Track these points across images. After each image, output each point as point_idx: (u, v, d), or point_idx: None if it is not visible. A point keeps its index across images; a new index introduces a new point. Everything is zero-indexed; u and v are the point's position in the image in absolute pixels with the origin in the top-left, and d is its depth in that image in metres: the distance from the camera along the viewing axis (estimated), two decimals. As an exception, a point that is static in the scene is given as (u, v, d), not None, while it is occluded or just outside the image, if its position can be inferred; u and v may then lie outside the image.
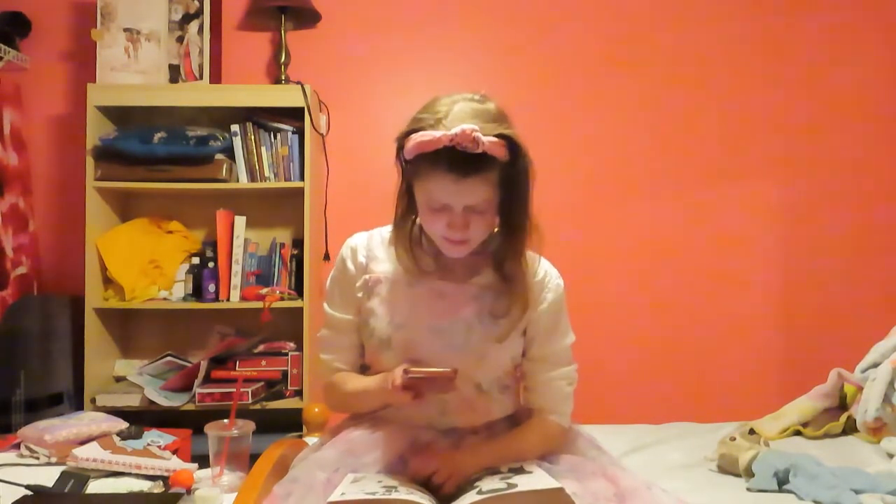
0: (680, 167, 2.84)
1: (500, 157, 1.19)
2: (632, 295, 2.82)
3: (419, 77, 2.83)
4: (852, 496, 1.43)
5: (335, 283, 1.41)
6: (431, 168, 1.20)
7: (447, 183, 1.20)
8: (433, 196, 1.23)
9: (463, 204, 1.22)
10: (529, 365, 1.37)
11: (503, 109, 1.26)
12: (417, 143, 1.19)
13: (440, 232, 1.27)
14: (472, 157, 1.17)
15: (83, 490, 1.50)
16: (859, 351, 2.12)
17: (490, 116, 1.22)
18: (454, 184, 1.20)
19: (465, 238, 1.26)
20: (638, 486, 1.24)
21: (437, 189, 1.22)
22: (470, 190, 1.21)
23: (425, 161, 1.20)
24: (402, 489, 1.14)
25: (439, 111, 1.22)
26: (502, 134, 1.19)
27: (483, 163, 1.19)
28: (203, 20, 2.61)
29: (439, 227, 1.26)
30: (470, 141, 1.16)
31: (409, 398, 1.23)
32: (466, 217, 1.24)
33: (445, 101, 1.24)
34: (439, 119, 1.20)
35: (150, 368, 2.54)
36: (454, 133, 1.16)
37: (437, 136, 1.17)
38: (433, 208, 1.24)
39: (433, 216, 1.25)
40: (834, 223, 2.84)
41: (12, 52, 2.64)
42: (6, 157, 2.59)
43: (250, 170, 2.57)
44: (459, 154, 1.17)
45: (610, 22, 2.85)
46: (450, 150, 1.17)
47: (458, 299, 1.32)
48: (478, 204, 1.23)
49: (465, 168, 1.18)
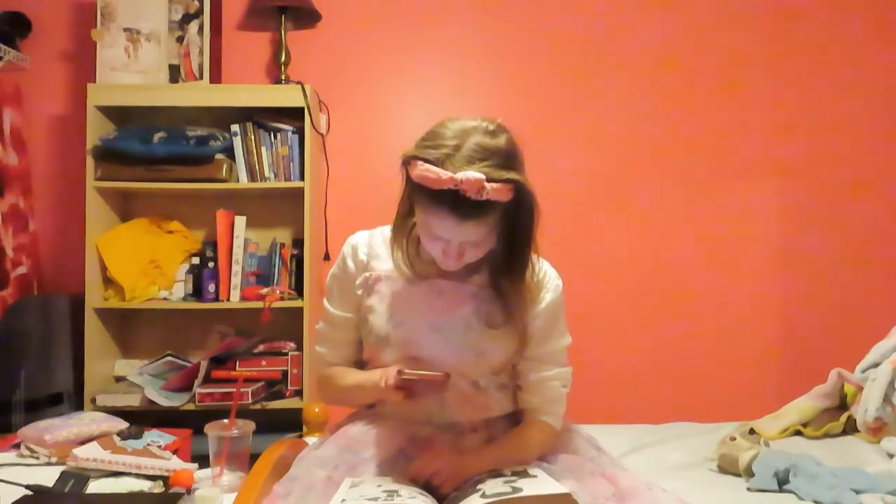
0: (680, 167, 2.84)
1: (504, 199, 1.17)
2: (632, 295, 2.82)
3: (419, 77, 2.83)
4: (852, 496, 1.43)
5: (335, 280, 1.42)
6: (432, 203, 1.18)
7: (447, 222, 1.19)
8: (430, 228, 1.22)
9: (460, 240, 1.22)
10: (524, 364, 1.37)
11: (515, 143, 1.22)
12: (421, 176, 1.16)
13: (435, 254, 1.27)
14: (474, 202, 1.15)
15: (83, 490, 1.50)
16: (859, 351, 2.12)
17: (500, 156, 1.18)
18: (454, 225, 1.19)
19: (459, 264, 1.27)
20: (638, 485, 1.24)
21: (435, 224, 1.21)
22: (468, 231, 1.20)
23: (426, 194, 1.18)
24: (403, 492, 1.13)
25: (447, 144, 1.18)
26: (510, 179, 1.17)
27: (484, 208, 1.17)
28: (203, 20, 2.61)
29: (434, 251, 1.26)
30: (475, 191, 1.14)
31: (401, 397, 1.25)
32: (462, 248, 1.24)
33: (455, 132, 1.19)
34: (447, 155, 1.17)
35: (150, 368, 2.54)
36: (460, 179, 1.13)
37: (442, 177, 1.14)
38: (430, 234, 1.24)
39: (430, 240, 1.25)
40: (834, 223, 2.84)
41: (12, 52, 2.64)
42: (6, 157, 2.59)
43: (250, 170, 2.57)
44: (462, 197, 1.15)
45: (609, 21, 2.85)
46: (453, 192, 1.15)
47: (457, 297, 1.32)
48: (475, 240, 1.23)
49: (466, 211, 1.16)
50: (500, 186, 1.15)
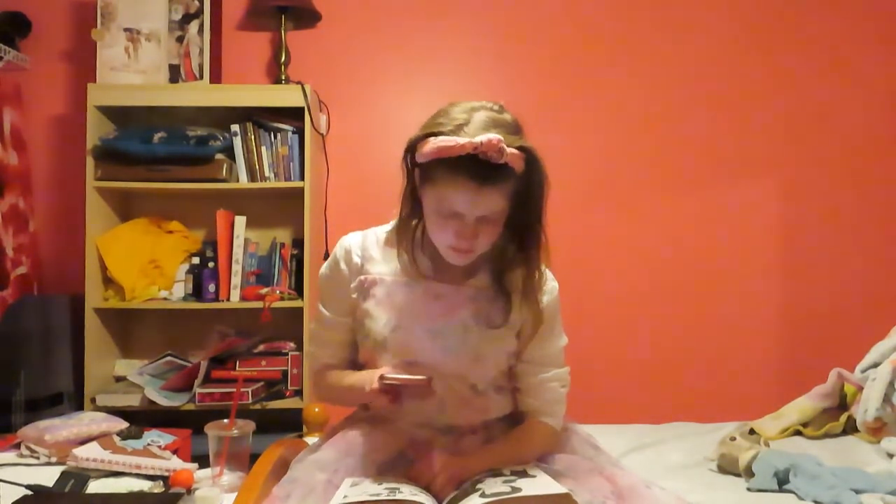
0: (680, 168, 2.84)
1: (517, 169, 1.19)
2: (632, 295, 2.82)
3: (419, 77, 2.83)
4: (852, 496, 1.43)
5: (327, 282, 1.40)
6: (450, 174, 1.18)
7: (466, 191, 1.19)
8: (446, 203, 1.21)
9: (476, 214, 1.21)
10: (522, 367, 1.37)
11: (519, 121, 1.26)
12: (438, 147, 1.17)
13: (447, 241, 1.25)
14: (492, 167, 1.16)
15: (83, 490, 1.50)
16: (859, 351, 2.12)
17: (509, 128, 1.21)
18: (473, 192, 1.18)
19: (473, 248, 1.26)
20: (636, 484, 1.24)
21: (453, 196, 1.20)
22: (486, 200, 1.20)
23: (443, 167, 1.19)
24: (405, 489, 1.13)
25: (458, 118, 1.20)
26: (523, 146, 1.19)
27: (502, 173, 1.18)
28: (203, 20, 2.61)
29: (447, 234, 1.24)
30: (496, 151, 1.15)
31: (386, 401, 1.25)
32: (476, 227, 1.23)
33: (463, 108, 1.22)
34: (459, 126, 1.18)
35: (150, 368, 2.54)
36: (480, 141, 1.15)
37: (461, 142, 1.15)
38: (443, 215, 1.23)
39: (442, 223, 1.24)
40: (834, 224, 2.84)
41: (12, 52, 2.64)
42: (6, 157, 2.59)
43: (250, 170, 2.57)
44: (481, 162, 1.16)
45: (611, 21, 2.85)
46: (471, 157, 1.16)
47: (455, 301, 1.32)
48: (490, 214, 1.22)
49: (485, 177, 1.17)
50: (516, 151, 1.17)
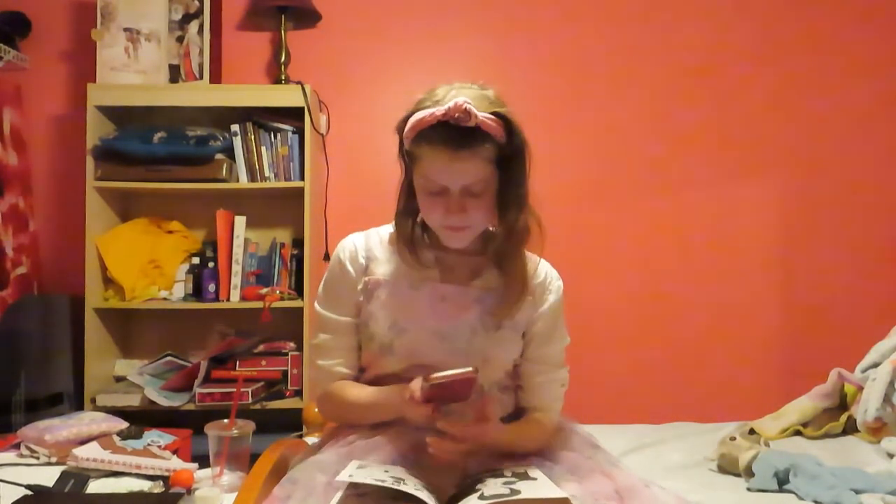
0: (680, 166, 2.84)
1: (495, 135, 1.21)
2: (632, 294, 2.82)
3: (419, 77, 2.82)
4: (852, 496, 1.43)
5: (333, 286, 1.38)
6: (428, 147, 1.22)
7: (442, 159, 1.21)
8: (430, 177, 1.24)
9: (459, 184, 1.23)
10: (527, 366, 1.37)
11: (502, 96, 1.28)
12: (414, 122, 1.22)
13: (439, 220, 1.26)
14: (466, 132, 1.19)
15: (83, 490, 1.50)
16: (859, 351, 2.12)
17: (488, 100, 1.24)
18: (449, 160, 1.20)
19: (465, 224, 1.26)
20: (635, 483, 1.24)
21: (432, 168, 1.23)
22: (465, 167, 1.21)
23: (423, 143, 1.22)
24: (409, 482, 1.12)
25: (437, 94, 1.25)
26: (497, 112, 1.21)
27: (477, 138, 1.20)
28: (203, 20, 2.61)
29: (438, 213, 1.25)
30: (462, 111, 1.17)
31: (429, 411, 1.18)
32: (463, 200, 1.24)
33: (445, 87, 1.26)
34: (437, 101, 1.22)
35: (150, 368, 2.54)
36: (447, 107, 1.18)
37: (435, 112, 1.19)
38: (431, 192, 1.25)
39: (431, 201, 1.25)
40: (834, 223, 2.84)
41: (12, 52, 2.64)
42: (6, 157, 2.59)
43: (250, 170, 2.57)
44: (454, 129, 1.19)
45: (612, 21, 2.85)
46: (444, 125, 1.19)
47: (461, 302, 1.31)
48: (474, 184, 1.23)
49: (458, 142, 1.19)
50: (489, 116, 1.19)
